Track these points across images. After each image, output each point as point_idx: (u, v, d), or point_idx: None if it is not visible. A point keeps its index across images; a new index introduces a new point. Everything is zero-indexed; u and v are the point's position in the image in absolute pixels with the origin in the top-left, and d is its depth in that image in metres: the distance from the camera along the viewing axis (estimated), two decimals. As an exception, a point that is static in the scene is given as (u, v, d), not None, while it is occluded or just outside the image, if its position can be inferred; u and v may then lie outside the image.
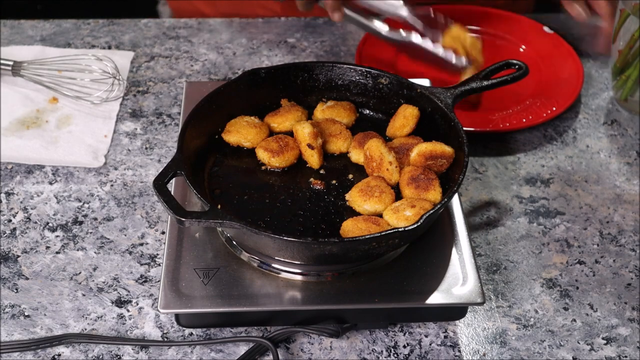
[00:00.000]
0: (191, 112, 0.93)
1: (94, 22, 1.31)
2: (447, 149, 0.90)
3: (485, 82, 0.98)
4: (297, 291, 0.84)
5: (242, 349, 0.84)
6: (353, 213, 0.88)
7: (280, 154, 0.93)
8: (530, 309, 0.90)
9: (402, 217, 0.84)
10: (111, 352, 0.84)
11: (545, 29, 1.29)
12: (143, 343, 0.85)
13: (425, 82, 1.07)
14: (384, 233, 0.79)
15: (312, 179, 0.93)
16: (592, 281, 0.94)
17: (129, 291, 0.90)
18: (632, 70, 1.12)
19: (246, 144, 0.95)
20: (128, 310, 0.89)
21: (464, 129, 0.91)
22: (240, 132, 0.95)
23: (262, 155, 0.94)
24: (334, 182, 0.93)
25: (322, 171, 0.94)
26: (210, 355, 0.84)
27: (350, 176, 0.93)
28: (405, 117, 0.96)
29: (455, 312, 0.87)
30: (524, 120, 1.12)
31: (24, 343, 0.84)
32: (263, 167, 0.94)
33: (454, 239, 0.89)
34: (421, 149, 0.90)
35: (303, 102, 1.01)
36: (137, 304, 0.89)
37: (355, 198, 0.88)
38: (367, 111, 1.02)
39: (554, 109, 1.13)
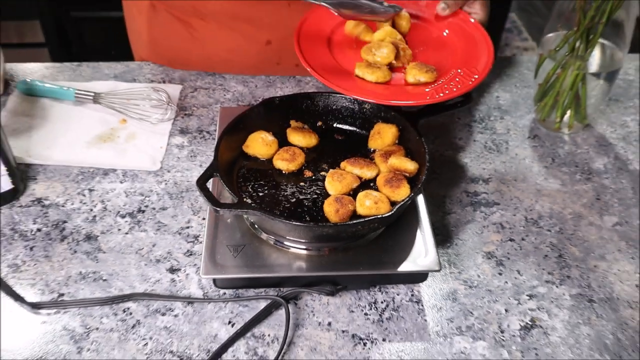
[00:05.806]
0: (224, 129, 0.92)
1: (153, 64, 1.30)
2: (410, 167, 0.89)
3: (442, 108, 0.99)
4: (302, 262, 0.84)
5: (262, 304, 0.84)
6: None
7: (293, 160, 0.92)
8: (474, 275, 0.90)
9: (366, 206, 0.84)
10: (166, 306, 0.84)
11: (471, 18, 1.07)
12: (189, 299, 0.85)
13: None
14: (367, 219, 0.79)
15: (305, 170, 0.92)
16: (519, 254, 0.93)
17: (178, 262, 0.90)
18: (548, 99, 1.12)
19: (260, 157, 0.94)
20: (178, 276, 0.88)
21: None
22: (255, 148, 0.94)
23: (281, 165, 0.92)
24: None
25: (325, 165, 0.93)
26: (238, 309, 0.84)
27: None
28: (378, 132, 0.96)
29: (419, 277, 0.87)
30: (455, 89, 0.92)
31: (102, 299, 0.84)
32: (277, 170, 0.93)
33: (418, 223, 0.89)
34: (391, 162, 0.90)
35: (307, 121, 1.01)
36: (185, 271, 0.89)
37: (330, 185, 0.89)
38: (354, 128, 1.02)
39: (476, 77, 0.94)
